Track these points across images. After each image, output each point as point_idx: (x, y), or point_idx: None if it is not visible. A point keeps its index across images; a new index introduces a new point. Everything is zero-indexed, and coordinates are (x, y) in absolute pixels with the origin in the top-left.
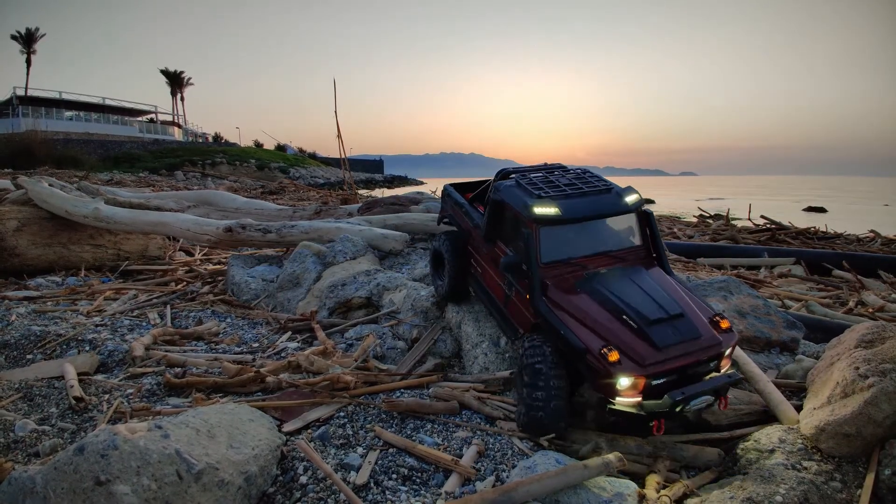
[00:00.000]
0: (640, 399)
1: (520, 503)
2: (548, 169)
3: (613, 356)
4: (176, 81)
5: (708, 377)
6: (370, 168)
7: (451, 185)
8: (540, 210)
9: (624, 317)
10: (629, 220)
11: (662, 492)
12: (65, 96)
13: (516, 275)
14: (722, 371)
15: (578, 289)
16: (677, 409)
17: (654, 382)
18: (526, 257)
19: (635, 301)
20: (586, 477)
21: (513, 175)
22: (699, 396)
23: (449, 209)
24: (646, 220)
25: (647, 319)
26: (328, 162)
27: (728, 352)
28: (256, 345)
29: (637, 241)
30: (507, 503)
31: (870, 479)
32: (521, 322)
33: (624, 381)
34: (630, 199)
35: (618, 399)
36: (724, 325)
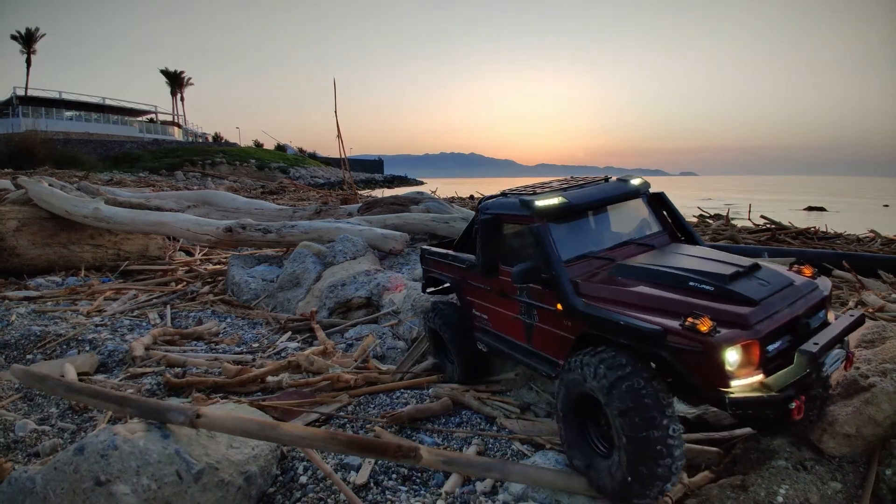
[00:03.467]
0: (761, 376)
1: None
2: (533, 186)
3: (704, 324)
4: (176, 81)
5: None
6: (370, 168)
7: (426, 245)
8: (544, 202)
9: (691, 283)
10: (641, 209)
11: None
12: (65, 96)
13: (534, 285)
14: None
15: (617, 276)
16: (814, 375)
17: (770, 348)
18: (542, 260)
19: (695, 266)
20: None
21: (500, 194)
22: (832, 349)
23: (432, 268)
24: (660, 202)
25: (721, 277)
26: (328, 162)
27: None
28: (256, 345)
29: (657, 227)
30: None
31: (870, 479)
32: (554, 349)
33: (732, 355)
34: (635, 182)
35: (733, 384)
36: (808, 272)
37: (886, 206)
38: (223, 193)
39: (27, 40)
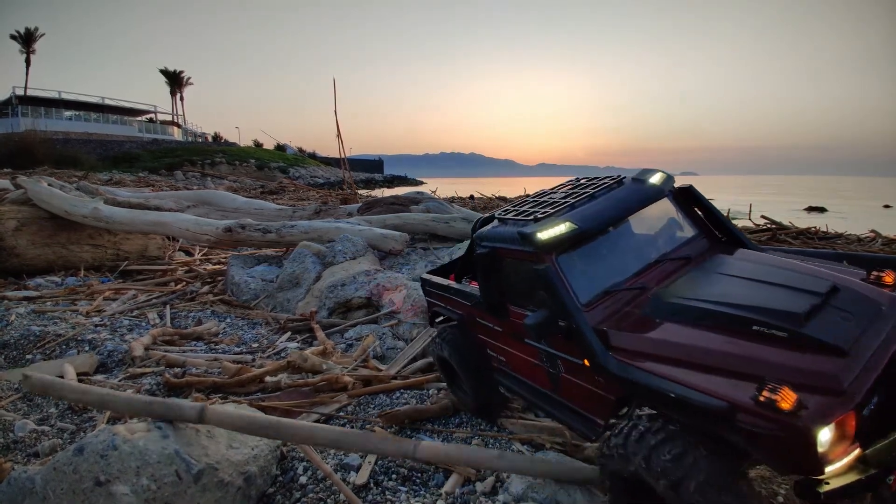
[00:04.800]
0: (858, 450)
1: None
2: (532, 196)
3: (786, 398)
4: (175, 81)
5: None
6: (370, 168)
7: (427, 273)
8: (547, 234)
9: (755, 327)
10: (666, 210)
11: None
12: (64, 96)
13: (554, 337)
14: None
15: (655, 318)
16: None
17: (865, 411)
18: (557, 306)
19: (756, 298)
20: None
21: (495, 217)
22: None
23: (435, 301)
24: (689, 198)
25: (795, 316)
26: (328, 162)
27: None
28: (256, 345)
29: (691, 230)
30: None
31: None
32: (589, 406)
33: (825, 434)
34: (654, 179)
35: (829, 469)
36: (889, 279)
37: (888, 206)
38: (222, 193)
39: (26, 40)
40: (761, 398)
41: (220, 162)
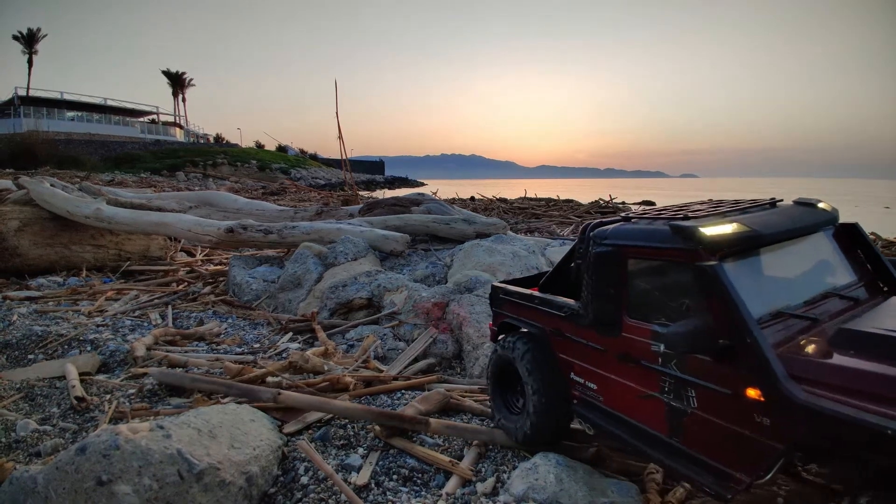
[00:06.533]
0: None
1: None
2: (662, 208)
3: None
4: (177, 82)
5: None
6: (371, 169)
7: (501, 282)
8: (713, 230)
9: None
10: (825, 246)
11: (667, 497)
12: (66, 97)
13: (689, 359)
14: None
15: (848, 349)
16: None
17: None
18: (720, 317)
19: None
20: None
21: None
22: None
23: (507, 312)
24: (853, 237)
25: None
26: (329, 163)
27: None
28: (257, 345)
29: (851, 273)
30: None
31: None
32: (734, 455)
33: None
34: (823, 205)
35: None
36: None
37: (887, 208)
38: (224, 194)
39: (29, 40)
40: None
41: (222, 163)
